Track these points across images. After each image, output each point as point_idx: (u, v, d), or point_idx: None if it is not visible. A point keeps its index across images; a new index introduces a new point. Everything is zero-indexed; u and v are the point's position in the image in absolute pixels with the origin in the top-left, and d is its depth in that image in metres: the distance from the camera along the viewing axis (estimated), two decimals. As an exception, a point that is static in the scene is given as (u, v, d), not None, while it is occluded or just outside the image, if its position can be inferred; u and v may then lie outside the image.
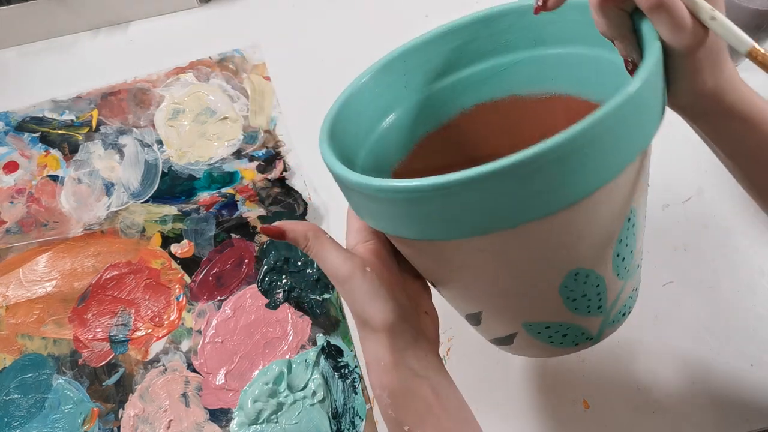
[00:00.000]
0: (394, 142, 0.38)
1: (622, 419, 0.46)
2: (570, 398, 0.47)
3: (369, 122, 0.37)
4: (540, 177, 0.25)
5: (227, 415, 0.48)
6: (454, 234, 0.28)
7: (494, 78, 0.38)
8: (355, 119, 0.36)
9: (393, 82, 0.37)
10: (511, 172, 0.24)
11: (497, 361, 0.49)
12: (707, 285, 0.51)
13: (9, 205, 0.59)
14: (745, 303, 0.50)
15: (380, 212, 0.30)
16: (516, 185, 0.25)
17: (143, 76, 0.66)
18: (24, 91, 0.66)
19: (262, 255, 0.55)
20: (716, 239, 0.53)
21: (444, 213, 0.27)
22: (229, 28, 0.69)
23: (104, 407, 0.49)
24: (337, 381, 0.49)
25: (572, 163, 0.25)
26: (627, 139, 0.26)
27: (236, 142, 0.61)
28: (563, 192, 0.26)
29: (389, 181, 0.27)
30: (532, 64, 0.38)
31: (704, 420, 0.46)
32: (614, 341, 0.49)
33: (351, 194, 0.31)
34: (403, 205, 0.27)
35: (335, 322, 0.51)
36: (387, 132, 0.38)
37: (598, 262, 0.33)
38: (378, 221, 0.31)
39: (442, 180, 0.25)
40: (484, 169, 0.24)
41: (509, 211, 0.26)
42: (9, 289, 0.55)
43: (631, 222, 0.33)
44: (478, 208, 0.26)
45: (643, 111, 0.27)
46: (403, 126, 0.38)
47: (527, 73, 0.38)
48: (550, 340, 0.37)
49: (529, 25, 0.35)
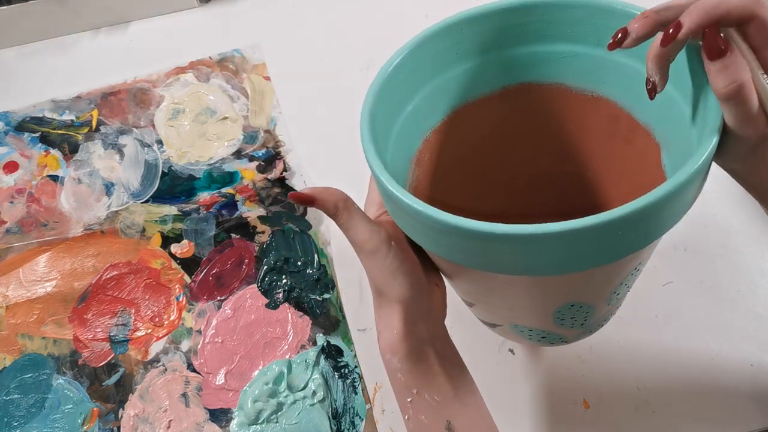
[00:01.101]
0: (433, 108, 0.38)
1: (622, 419, 0.46)
2: (570, 398, 0.47)
3: (413, 87, 0.37)
4: (597, 241, 0.27)
5: (227, 415, 0.48)
6: (495, 269, 0.29)
7: (547, 63, 0.38)
8: (401, 85, 0.36)
9: (444, 49, 0.37)
10: (580, 233, 0.25)
11: (497, 362, 0.49)
12: (707, 285, 0.51)
13: (9, 205, 0.59)
14: (745, 303, 0.50)
15: (425, 235, 0.30)
16: (578, 245, 0.27)
17: (143, 76, 0.66)
18: (24, 91, 0.66)
19: (262, 255, 0.55)
20: (716, 239, 0.53)
21: (498, 254, 0.28)
22: (229, 28, 0.69)
23: (104, 407, 0.49)
24: (337, 381, 0.49)
25: (628, 231, 0.27)
26: (670, 215, 0.29)
27: (236, 142, 0.61)
28: (605, 254, 0.28)
29: (455, 219, 0.27)
30: (588, 61, 0.37)
31: (704, 420, 0.46)
32: (614, 341, 0.49)
33: (391, 204, 0.31)
34: (457, 238, 0.28)
35: (335, 322, 0.52)
36: (429, 97, 0.38)
37: (598, 299, 0.36)
38: (418, 238, 0.31)
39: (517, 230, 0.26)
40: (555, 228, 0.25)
41: (557, 262, 0.28)
42: (9, 289, 0.55)
43: (638, 270, 0.36)
44: (532, 256, 0.28)
45: (690, 191, 0.29)
46: (445, 92, 0.39)
47: (581, 69, 0.38)
48: (529, 337, 0.41)
49: (597, 24, 0.35)
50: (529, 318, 0.39)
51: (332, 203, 0.31)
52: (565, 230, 0.25)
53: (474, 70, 0.38)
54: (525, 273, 0.29)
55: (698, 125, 0.31)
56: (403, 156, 0.38)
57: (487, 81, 0.39)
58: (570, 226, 0.25)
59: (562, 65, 0.38)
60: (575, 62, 0.38)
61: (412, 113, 0.37)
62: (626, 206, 0.25)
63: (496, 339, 0.50)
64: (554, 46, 0.38)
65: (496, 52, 0.38)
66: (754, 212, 0.54)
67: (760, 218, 0.54)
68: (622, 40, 0.29)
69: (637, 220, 0.26)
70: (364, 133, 0.32)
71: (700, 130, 0.30)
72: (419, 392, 0.33)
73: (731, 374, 0.47)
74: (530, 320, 0.39)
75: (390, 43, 0.38)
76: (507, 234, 0.26)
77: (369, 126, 0.32)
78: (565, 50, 0.38)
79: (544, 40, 0.37)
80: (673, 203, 0.27)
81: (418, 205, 0.28)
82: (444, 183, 0.42)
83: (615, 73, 0.37)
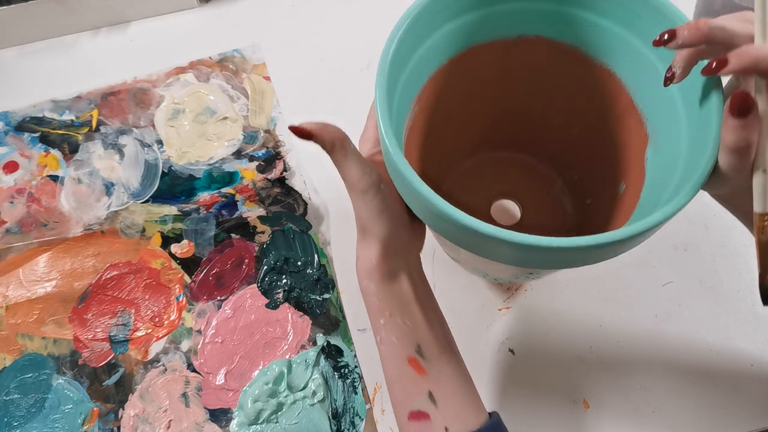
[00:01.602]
0: (445, 47, 0.40)
1: (622, 419, 0.46)
2: (570, 398, 0.47)
3: (431, 28, 0.38)
4: (575, 254, 0.30)
5: (227, 415, 0.48)
6: (497, 259, 0.32)
7: (568, 25, 0.40)
8: (420, 29, 0.37)
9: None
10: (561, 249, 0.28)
11: (497, 361, 0.49)
12: (707, 285, 0.51)
13: (9, 205, 0.59)
14: (745, 303, 0.50)
15: (425, 216, 0.33)
16: (559, 255, 0.29)
17: (143, 76, 0.66)
18: (24, 91, 0.66)
19: (262, 255, 0.55)
20: (716, 239, 0.53)
21: (491, 248, 0.31)
22: (229, 28, 0.69)
23: (104, 407, 0.49)
24: (337, 381, 0.49)
25: (606, 251, 0.30)
26: (637, 242, 0.31)
27: (236, 142, 0.61)
28: (587, 261, 0.31)
29: (458, 213, 0.29)
30: (609, 36, 0.38)
31: (704, 420, 0.46)
32: (614, 341, 0.49)
33: (396, 177, 0.33)
34: (471, 238, 0.30)
35: (335, 322, 0.51)
36: (443, 38, 0.39)
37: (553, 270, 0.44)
38: (430, 224, 0.34)
39: (515, 238, 0.28)
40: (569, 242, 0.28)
41: (549, 264, 0.32)
42: (9, 289, 0.55)
43: None
44: (520, 255, 0.30)
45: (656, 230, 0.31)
46: (460, 33, 0.40)
47: (600, 41, 0.39)
48: (483, 277, 0.50)
49: (629, 7, 0.36)
50: (494, 272, 0.45)
51: (330, 140, 0.32)
52: (549, 246, 0.28)
53: (495, 15, 0.40)
54: (507, 263, 0.32)
55: (690, 151, 0.33)
56: (407, 98, 0.39)
57: (504, 26, 0.41)
58: (554, 243, 0.28)
59: (583, 32, 0.40)
60: (597, 33, 0.39)
61: (425, 54, 0.39)
62: (603, 235, 0.28)
63: (496, 339, 0.50)
64: (581, 13, 0.39)
65: (524, 2, 0.39)
66: (754, 212, 0.54)
67: (760, 218, 0.54)
68: (667, 40, 0.29)
69: (616, 243, 0.29)
70: (380, 92, 0.33)
71: (686, 168, 0.32)
72: (392, 315, 0.35)
73: (731, 374, 0.47)
74: (494, 273, 0.46)
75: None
76: (506, 239, 0.28)
77: (385, 88, 0.33)
78: (590, 19, 0.39)
79: (571, 3, 0.38)
80: (642, 237, 0.30)
81: (425, 191, 0.30)
82: (438, 118, 0.44)
83: (631, 57, 0.38)
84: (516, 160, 0.53)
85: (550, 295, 0.51)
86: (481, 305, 0.51)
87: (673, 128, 0.35)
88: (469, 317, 0.51)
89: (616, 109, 0.42)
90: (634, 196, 0.40)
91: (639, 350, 0.49)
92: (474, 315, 0.51)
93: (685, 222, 0.54)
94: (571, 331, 0.50)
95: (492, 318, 0.51)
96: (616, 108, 0.42)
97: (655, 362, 0.48)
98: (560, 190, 0.52)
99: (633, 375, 0.48)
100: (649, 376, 0.48)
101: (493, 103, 0.47)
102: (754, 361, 0.48)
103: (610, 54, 0.39)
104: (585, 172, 0.49)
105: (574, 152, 0.49)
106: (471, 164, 0.53)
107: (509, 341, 0.50)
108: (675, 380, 0.47)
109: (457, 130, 0.48)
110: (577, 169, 0.50)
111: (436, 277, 0.53)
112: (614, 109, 0.42)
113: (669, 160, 0.35)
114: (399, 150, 0.32)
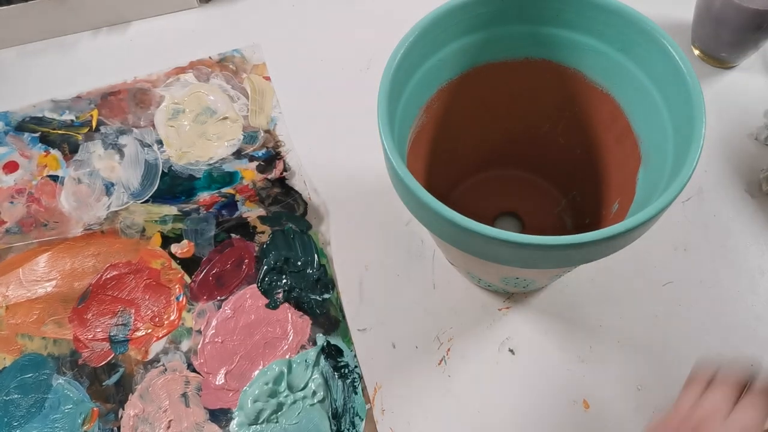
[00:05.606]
0: (456, 62, 0.42)
1: (622, 419, 0.46)
2: (570, 398, 0.47)
3: (443, 42, 0.40)
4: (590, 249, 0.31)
5: (227, 415, 0.48)
6: (494, 260, 0.33)
7: (570, 50, 0.42)
8: (431, 40, 0.39)
9: (485, 12, 0.40)
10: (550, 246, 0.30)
11: (497, 362, 0.49)
12: (707, 285, 0.51)
13: (9, 205, 0.59)
14: (745, 303, 0.50)
15: (436, 226, 0.34)
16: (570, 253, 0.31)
17: (143, 76, 0.66)
18: (24, 91, 0.66)
19: (262, 255, 0.55)
20: (716, 239, 0.53)
21: (504, 254, 0.32)
22: (229, 28, 0.69)
23: (104, 407, 0.49)
24: (337, 381, 0.49)
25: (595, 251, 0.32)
26: (621, 245, 0.33)
27: (236, 142, 0.61)
28: (582, 260, 0.33)
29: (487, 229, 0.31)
30: (607, 62, 0.41)
31: (704, 420, 0.46)
32: (614, 341, 0.49)
33: (402, 193, 0.35)
34: (472, 239, 0.31)
35: (335, 322, 0.52)
36: (455, 53, 0.41)
37: (543, 280, 0.46)
38: (426, 225, 0.35)
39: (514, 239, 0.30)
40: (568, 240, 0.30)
41: (546, 263, 0.33)
42: (9, 289, 0.55)
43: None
44: (536, 258, 0.32)
45: (640, 233, 0.33)
46: (472, 50, 0.42)
47: (599, 65, 0.41)
48: (478, 282, 0.51)
49: (625, 34, 0.38)
50: (485, 276, 0.46)
51: None
52: (541, 243, 0.29)
53: (505, 36, 0.42)
54: (524, 266, 0.33)
55: (673, 166, 0.35)
56: (414, 105, 0.41)
57: (513, 48, 0.43)
58: (546, 242, 0.30)
59: (584, 56, 0.42)
60: (596, 58, 0.41)
61: (435, 65, 0.40)
62: (593, 233, 0.30)
63: (496, 339, 0.50)
64: (582, 38, 0.41)
65: (530, 26, 0.41)
66: (754, 212, 0.54)
67: (760, 218, 0.54)
68: None
69: (604, 241, 0.30)
70: (381, 101, 0.35)
71: (669, 181, 0.34)
72: None
73: (731, 374, 0.47)
74: (485, 277, 0.47)
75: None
76: (506, 240, 0.30)
77: (386, 97, 0.35)
78: (590, 44, 0.41)
79: (574, 29, 0.40)
80: (625, 238, 0.32)
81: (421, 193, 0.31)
82: (446, 130, 0.46)
83: (628, 83, 0.40)
84: (522, 178, 0.54)
85: (550, 295, 0.51)
86: (481, 305, 0.51)
87: (662, 148, 0.37)
88: (469, 317, 0.51)
89: (614, 131, 0.43)
90: (623, 215, 0.41)
91: (639, 350, 0.49)
92: (474, 315, 0.51)
93: (685, 222, 0.54)
94: (571, 331, 0.50)
95: (492, 318, 0.51)
96: (614, 130, 0.43)
97: (655, 362, 0.48)
98: (563, 209, 0.53)
99: (633, 375, 0.48)
100: (649, 376, 0.48)
101: (501, 121, 0.48)
102: (753, 361, 0.48)
103: (609, 79, 0.41)
104: (585, 191, 0.50)
105: (576, 172, 0.50)
106: (477, 180, 0.54)
107: (509, 341, 0.50)
108: (675, 380, 0.47)
109: (464, 144, 0.49)
110: (578, 189, 0.51)
111: (436, 277, 0.53)
112: (613, 131, 0.43)
113: (656, 178, 0.37)
114: (395, 150, 0.32)
